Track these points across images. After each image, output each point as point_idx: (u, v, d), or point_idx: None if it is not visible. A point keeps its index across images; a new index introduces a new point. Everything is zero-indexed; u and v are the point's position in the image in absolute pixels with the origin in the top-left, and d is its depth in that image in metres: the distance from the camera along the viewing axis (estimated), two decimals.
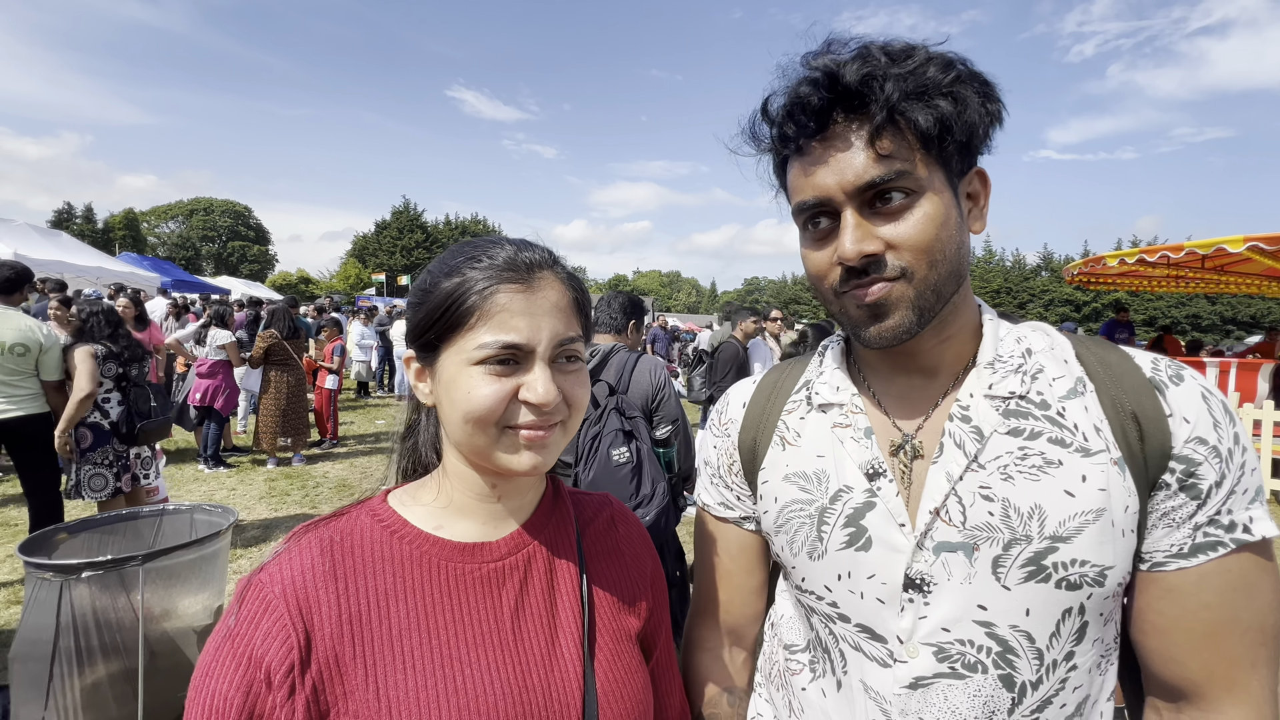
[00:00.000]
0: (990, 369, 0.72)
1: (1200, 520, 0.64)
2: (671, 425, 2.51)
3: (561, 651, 0.69)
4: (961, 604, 0.67)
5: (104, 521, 2.62)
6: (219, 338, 6.61)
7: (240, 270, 60.97)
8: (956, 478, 0.68)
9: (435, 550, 0.68)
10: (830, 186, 0.66)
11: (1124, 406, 0.67)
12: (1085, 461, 0.65)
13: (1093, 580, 0.64)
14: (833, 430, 0.79)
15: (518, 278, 0.65)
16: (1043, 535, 0.65)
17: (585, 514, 0.83)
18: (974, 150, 0.68)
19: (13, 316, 3.69)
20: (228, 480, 6.37)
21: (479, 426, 0.64)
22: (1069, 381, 0.70)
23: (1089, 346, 0.73)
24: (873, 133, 0.63)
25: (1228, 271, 9.65)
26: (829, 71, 0.64)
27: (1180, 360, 4.36)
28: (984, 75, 0.66)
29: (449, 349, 0.65)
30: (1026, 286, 58.37)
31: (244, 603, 0.62)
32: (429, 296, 0.67)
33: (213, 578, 2.51)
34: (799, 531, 0.78)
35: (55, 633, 2.09)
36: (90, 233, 46.92)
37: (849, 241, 0.65)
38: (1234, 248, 6.69)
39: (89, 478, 3.84)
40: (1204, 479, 0.63)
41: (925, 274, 0.66)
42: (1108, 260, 8.72)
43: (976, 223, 0.72)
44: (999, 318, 0.77)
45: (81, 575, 2.12)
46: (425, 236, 56.55)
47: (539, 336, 0.65)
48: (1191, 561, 0.64)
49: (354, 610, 0.63)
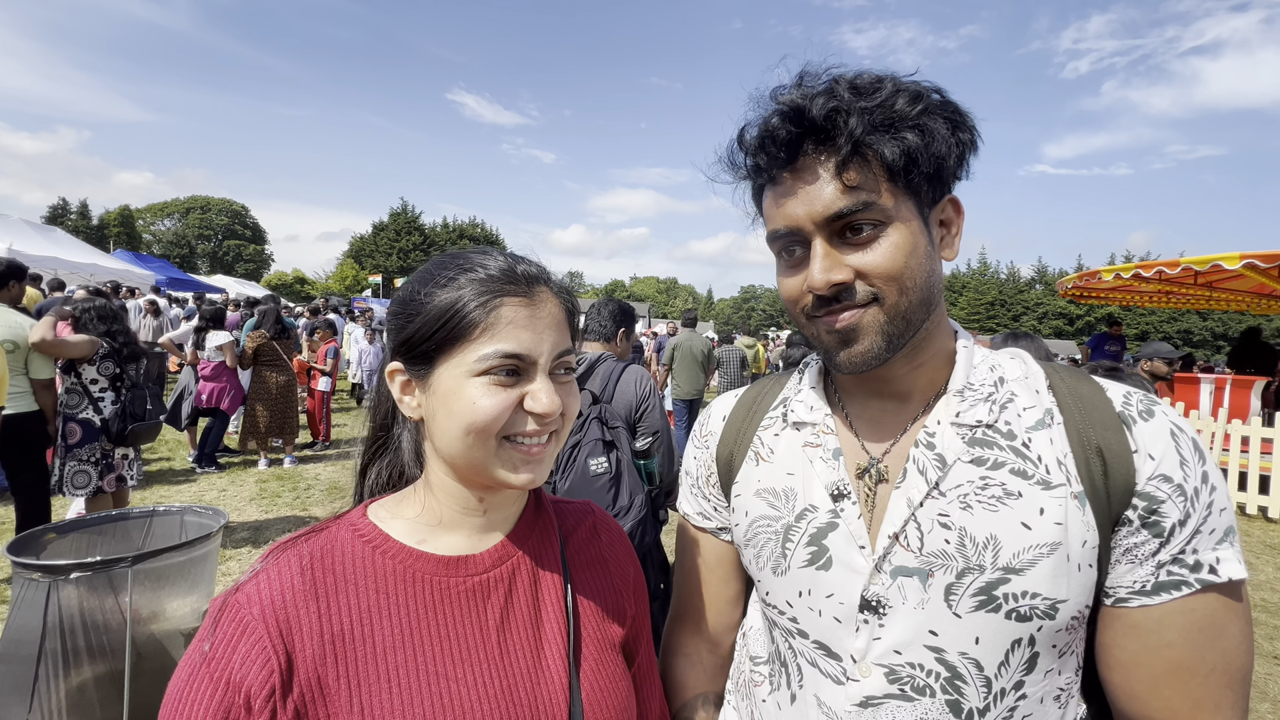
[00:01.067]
0: (959, 397, 0.72)
1: (1163, 558, 0.63)
2: (653, 436, 2.50)
3: (547, 663, 0.69)
4: (914, 628, 0.68)
5: (93, 522, 2.60)
6: (216, 339, 6.59)
7: (236, 269, 60.72)
8: (917, 504, 0.69)
9: (418, 565, 0.67)
10: (800, 217, 0.67)
11: (1090, 440, 0.67)
12: (1045, 494, 0.65)
13: (1043, 613, 0.64)
14: (803, 449, 0.80)
15: (520, 291, 0.66)
16: (995, 566, 0.65)
17: (568, 523, 0.83)
18: (945, 179, 0.69)
19: (3, 313, 3.67)
20: (218, 481, 6.34)
21: (480, 438, 0.64)
22: (1038, 412, 0.70)
23: (1064, 377, 0.73)
24: (839, 165, 0.65)
25: (1218, 288, 9.75)
26: (795, 106, 0.66)
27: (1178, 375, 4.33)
28: (956, 105, 0.67)
29: (447, 361, 0.65)
30: (1021, 299, 58.74)
31: (219, 624, 0.60)
32: (423, 308, 0.66)
33: (202, 580, 2.49)
34: (765, 546, 0.80)
35: (42, 634, 2.07)
36: (85, 229, 46.69)
37: (818, 271, 0.67)
38: (1230, 265, 6.76)
39: (72, 474, 3.84)
40: (1167, 517, 0.63)
41: (895, 300, 0.67)
42: (1103, 275, 8.80)
43: (947, 250, 0.73)
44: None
45: (70, 576, 2.11)
46: (422, 239, 56.53)
47: (542, 348, 0.66)
48: (1154, 600, 0.63)
49: (336, 629, 0.61)
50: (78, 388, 3.91)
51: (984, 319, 57.49)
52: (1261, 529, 6.21)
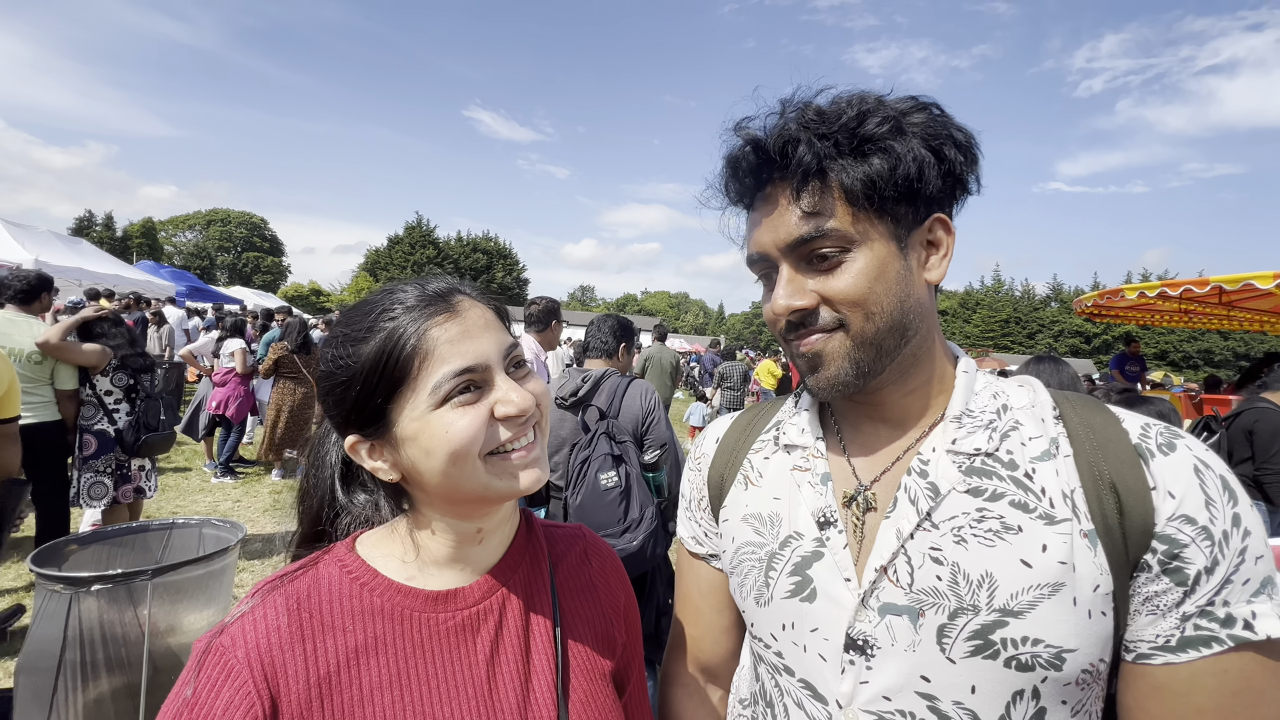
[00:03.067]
0: (956, 423, 0.68)
1: (1189, 610, 0.57)
2: (660, 449, 2.50)
3: (536, 698, 0.68)
4: (904, 672, 0.63)
5: (114, 534, 2.63)
6: (230, 346, 6.72)
7: (253, 281, 61.74)
8: (906, 535, 0.65)
9: (407, 602, 0.66)
10: (766, 244, 0.68)
11: (1103, 474, 0.61)
12: (1048, 529, 0.60)
13: (1047, 662, 0.58)
14: (792, 473, 0.77)
15: (441, 308, 0.63)
16: (991, 607, 0.60)
17: (558, 549, 0.81)
18: (925, 200, 0.65)
19: (32, 325, 3.74)
20: (232, 492, 6.38)
21: (464, 461, 0.61)
22: (1044, 443, 0.65)
23: (1076, 406, 0.68)
24: (794, 193, 0.65)
25: (1238, 307, 9.57)
26: (752, 140, 0.67)
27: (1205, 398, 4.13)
28: (946, 122, 0.65)
29: (401, 406, 0.62)
30: (1036, 317, 58.09)
31: (203, 668, 0.58)
32: (352, 369, 0.62)
33: (219, 594, 2.50)
34: (749, 575, 0.76)
35: (62, 645, 2.09)
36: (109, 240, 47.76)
37: (779, 296, 0.67)
38: (1264, 284, 6.58)
39: (89, 485, 3.87)
40: (1190, 563, 0.57)
41: (861, 326, 0.65)
42: (1126, 293, 8.63)
43: (933, 272, 0.69)
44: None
45: (91, 588, 2.13)
46: (437, 252, 57.15)
47: (486, 351, 0.63)
48: (1180, 657, 0.57)
49: (323, 672, 0.60)
50: (92, 399, 3.93)
51: (998, 336, 56.89)
52: None
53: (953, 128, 0.65)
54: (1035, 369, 2.53)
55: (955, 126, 0.65)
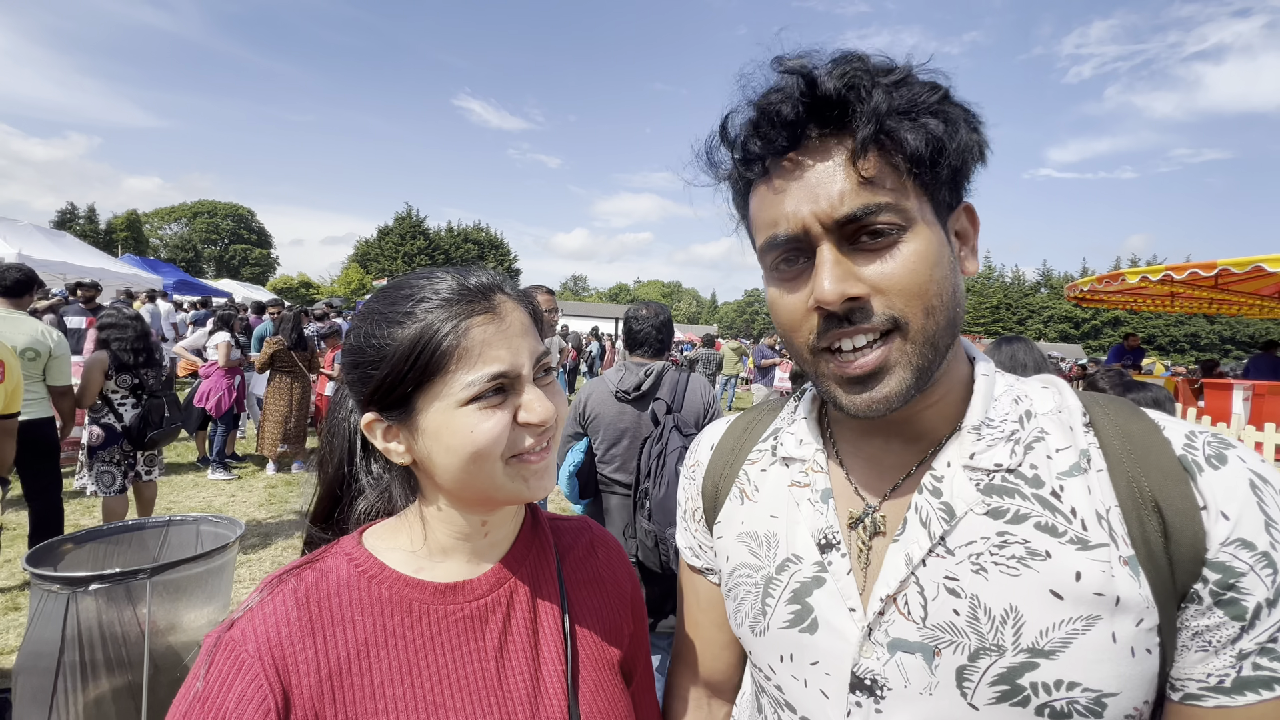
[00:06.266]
0: (975, 434, 0.60)
1: (1246, 648, 0.50)
2: None
3: (545, 687, 0.68)
4: (920, 719, 0.56)
5: (110, 532, 2.60)
6: (215, 339, 6.71)
7: (241, 273, 61.08)
8: (917, 562, 0.58)
9: (415, 594, 0.66)
10: (804, 216, 0.55)
11: (1144, 491, 0.54)
12: (1081, 556, 0.53)
13: (1085, 709, 0.51)
14: (790, 489, 0.70)
15: (481, 307, 0.63)
16: (1018, 646, 0.53)
17: (564, 541, 0.82)
18: (962, 182, 0.59)
19: (24, 321, 3.69)
20: (227, 487, 6.34)
21: (486, 464, 0.61)
22: (1073, 455, 0.57)
23: (1110, 411, 0.60)
24: (856, 152, 0.53)
25: (1225, 289, 9.65)
26: (806, 76, 0.54)
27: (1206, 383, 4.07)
28: (967, 104, 0.58)
29: (428, 398, 0.61)
30: (1026, 303, 58.52)
31: (214, 662, 0.58)
32: (384, 352, 0.62)
33: (219, 591, 2.49)
34: (744, 601, 0.70)
35: (60, 646, 2.07)
36: (92, 233, 47.02)
37: (828, 281, 0.54)
38: (1273, 266, 6.54)
39: (99, 474, 4.09)
40: (1248, 594, 0.50)
41: (922, 324, 0.55)
42: (1127, 277, 8.62)
43: (969, 263, 0.62)
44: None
45: (89, 588, 2.10)
46: (427, 243, 56.78)
47: (521, 359, 0.63)
48: (1237, 700, 0.51)
49: (333, 664, 0.60)
50: (99, 397, 4.07)
51: (989, 323, 57.27)
52: None
53: (973, 109, 0.59)
54: (1009, 350, 2.45)
55: (973, 108, 0.59)
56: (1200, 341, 52.83)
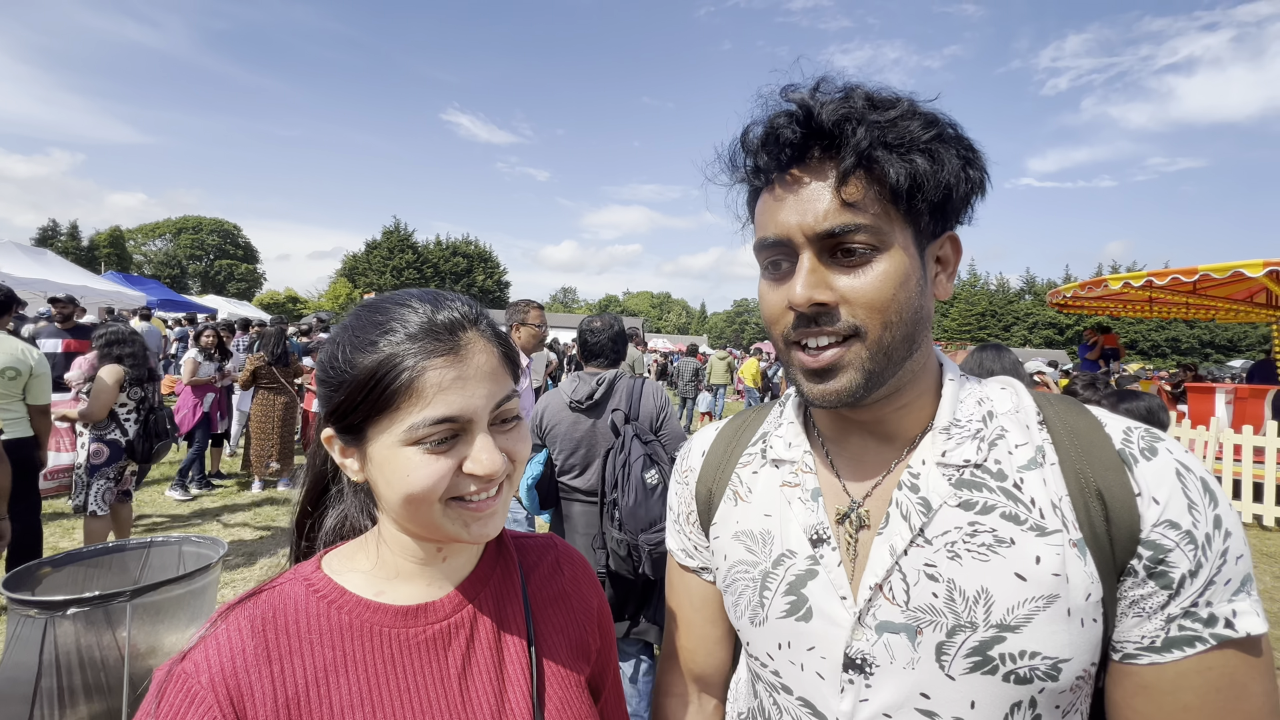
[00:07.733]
0: (945, 434, 0.67)
1: (1174, 612, 0.58)
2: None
3: (511, 708, 0.67)
4: (904, 690, 0.63)
5: (90, 554, 2.56)
6: (185, 356, 6.72)
7: (227, 289, 60.51)
8: (900, 552, 0.64)
9: (376, 618, 0.65)
10: (792, 226, 0.63)
11: (1089, 482, 0.61)
12: (1039, 541, 0.60)
13: (1045, 674, 0.59)
14: (781, 489, 0.75)
15: (443, 347, 0.61)
16: (988, 623, 0.60)
17: (529, 559, 0.81)
18: (949, 214, 0.65)
19: (3, 340, 3.64)
20: (210, 505, 6.24)
21: (420, 505, 0.61)
22: (1029, 450, 0.64)
23: (1059, 409, 0.67)
24: (840, 178, 0.60)
25: (1201, 294, 9.84)
26: (805, 106, 0.62)
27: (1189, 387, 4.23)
28: (970, 141, 0.64)
29: (377, 430, 0.61)
30: (1010, 310, 59.18)
31: (164, 696, 0.56)
32: (345, 376, 0.62)
33: (201, 613, 2.45)
34: (743, 595, 0.75)
35: (38, 672, 2.02)
36: (75, 250, 46.43)
37: (800, 285, 0.62)
38: (1252, 272, 6.72)
39: (101, 492, 4.10)
40: (1175, 567, 0.58)
41: (878, 335, 0.62)
42: (1110, 283, 8.77)
43: (942, 289, 0.69)
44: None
45: (67, 612, 2.07)
46: (416, 257, 56.57)
47: (474, 405, 0.61)
48: (1166, 657, 0.58)
49: (291, 693, 0.59)
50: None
51: (975, 330, 57.83)
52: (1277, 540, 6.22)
53: (975, 147, 0.65)
54: (979, 357, 2.67)
55: (976, 146, 0.65)
56: (1181, 345, 53.66)
